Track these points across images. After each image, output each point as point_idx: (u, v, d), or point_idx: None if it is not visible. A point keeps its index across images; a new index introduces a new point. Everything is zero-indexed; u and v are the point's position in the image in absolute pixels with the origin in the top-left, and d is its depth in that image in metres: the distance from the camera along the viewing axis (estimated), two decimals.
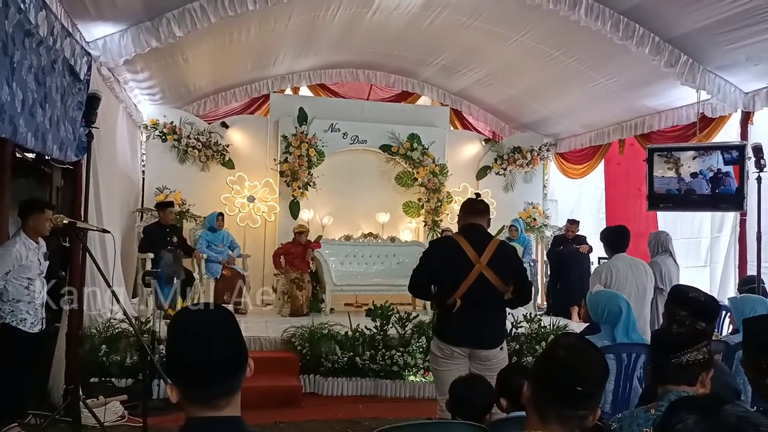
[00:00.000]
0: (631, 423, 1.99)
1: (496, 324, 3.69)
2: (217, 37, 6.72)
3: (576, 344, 1.69)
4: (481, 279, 3.52)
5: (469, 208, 3.79)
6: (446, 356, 3.58)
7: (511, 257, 3.75)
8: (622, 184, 8.74)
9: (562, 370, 1.61)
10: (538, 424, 1.64)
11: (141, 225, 7.87)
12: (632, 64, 6.79)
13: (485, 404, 2.69)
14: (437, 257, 3.71)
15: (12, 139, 3.16)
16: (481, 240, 3.64)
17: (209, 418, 1.43)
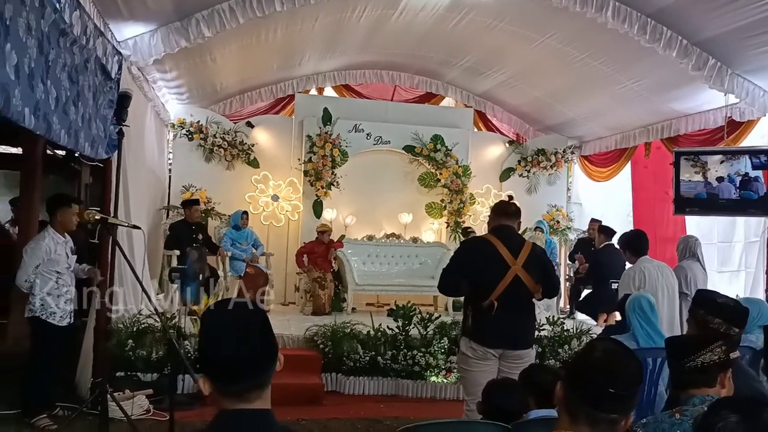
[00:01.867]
0: (656, 428, 1.98)
1: (528, 324, 3.76)
2: (245, 38, 6.79)
3: (612, 347, 1.69)
4: (516, 281, 3.57)
5: (501, 210, 3.83)
6: (478, 357, 3.60)
7: (542, 258, 3.79)
8: (649, 187, 8.63)
9: (595, 371, 1.60)
10: (568, 425, 1.63)
11: (167, 222, 7.99)
12: (659, 67, 6.72)
13: (519, 410, 2.68)
14: (471, 258, 3.74)
15: (46, 136, 3.23)
16: (515, 242, 3.69)
17: (240, 410, 1.46)
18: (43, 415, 4.68)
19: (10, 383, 5.09)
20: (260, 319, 1.51)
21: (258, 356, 1.47)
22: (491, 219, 3.87)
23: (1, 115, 2.57)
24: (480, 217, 9.44)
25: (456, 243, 9.03)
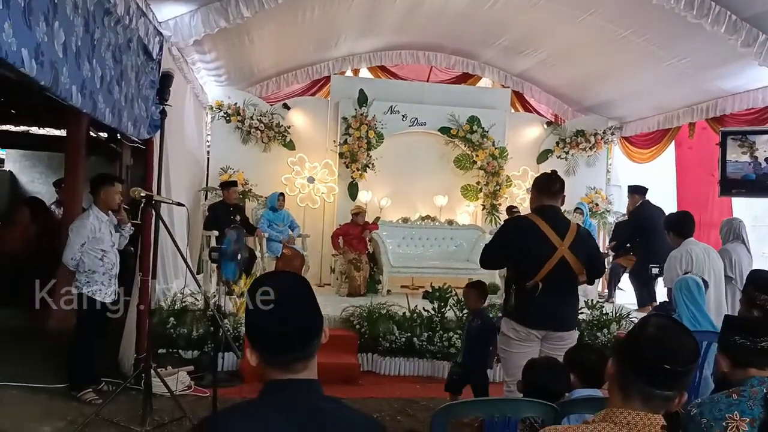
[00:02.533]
0: (712, 408, 1.93)
1: (572, 306, 3.71)
2: (282, 18, 6.78)
3: (667, 323, 1.65)
4: (562, 262, 3.52)
5: (544, 188, 3.72)
6: (521, 338, 3.57)
7: (588, 241, 3.73)
8: (694, 169, 8.38)
9: (649, 346, 1.56)
10: (620, 402, 1.60)
11: (206, 204, 8.09)
12: (706, 44, 6.48)
13: (562, 389, 2.66)
14: (515, 237, 3.70)
15: (92, 115, 3.29)
16: (561, 223, 3.63)
17: (289, 380, 1.49)
18: (89, 389, 4.82)
19: (58, 358, 5.27)
20: (306, 291, 1.54)
21: (306, 327, 1.50)
22: (534, 197, 3.79)
23: (50, 92, 2.62)
24: (516, 199, 9.33)
25: (492, 225, 8.97)
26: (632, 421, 1.56)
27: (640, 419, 1.56)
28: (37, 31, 2.40)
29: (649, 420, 1.56)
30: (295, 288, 1.54)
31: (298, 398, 1.49)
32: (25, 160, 12.31)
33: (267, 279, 1.60)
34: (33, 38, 2.37)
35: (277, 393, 1.49)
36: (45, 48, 2.48)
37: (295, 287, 1.55)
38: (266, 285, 1.55)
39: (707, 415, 1.93)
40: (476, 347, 4.72)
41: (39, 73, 2.44)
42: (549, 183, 3.72)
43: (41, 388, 4.88)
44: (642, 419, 1.56)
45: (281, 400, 1.48)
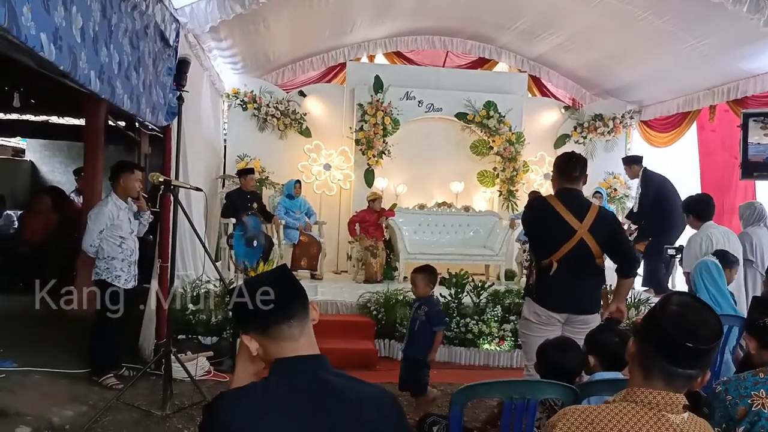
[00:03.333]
0: (738, 386, 1.92)
1: (594, 289, 3.63)
2: (298, 4, 6.76)
3: (688, 301, 1.61)
4: (581, 244, 3.46)
5: (565, 173, 3.64)
6: (542, 322, 3.53)
7: (611, 224, 3.61)
8: (717, 152, 8.22)
9: (671, 324, 1.53)
10: (642, 382, 1.58)
11: (223, 191, 8.13)
12: (727, 24, 6.34)
13: (576, 368, 2.64)
14: (534, 223, 3.69)
15: (110, 100, 3.30)
16: (580, 205, 3.57)
17: (295, 357, 1.53)
18: (110, 375, 4.89)
19: (80, 344, 5.35)
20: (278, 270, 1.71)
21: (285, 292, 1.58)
22: (555, 180, 3.74)
23: (69, 77, 2.63)
24: (534, 185, 9.26)
25: (508, 211, 8.93)
26: (653, 400, 1.54)
27: (662, 398, 1.54)
28: (55, 16, 2.41)
29: (671, 399, 1.54)
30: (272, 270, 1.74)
31: (306, 374, 1.51)
32: (45, 150, 12.45)
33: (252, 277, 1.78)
34: (51, 23, 2.38)
35: (285, 370, 1.52)
36: (63, 32, 2.49)
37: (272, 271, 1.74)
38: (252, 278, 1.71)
39: (732, 392, 1.91)
40: (419, 339, 4.40)
41: (58, 57, 2.45)
42: (568, 167, 3.64)
43: (63, 373, 4.95)
44: (664, 398, 1.54)
45: (289, 376, 1.50)
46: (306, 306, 1.60)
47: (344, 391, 1.51)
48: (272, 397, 1.46)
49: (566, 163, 3.68)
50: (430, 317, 4.39)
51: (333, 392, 1.50)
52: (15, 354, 5.13)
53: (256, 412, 1.43)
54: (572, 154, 3.76)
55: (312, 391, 1.48)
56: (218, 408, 1.46)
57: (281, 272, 1.69)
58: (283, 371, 1.52)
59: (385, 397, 1.59)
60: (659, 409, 1.53)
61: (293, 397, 1.46)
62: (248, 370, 1.64)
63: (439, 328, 4.44)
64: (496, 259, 8.32)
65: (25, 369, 4.90)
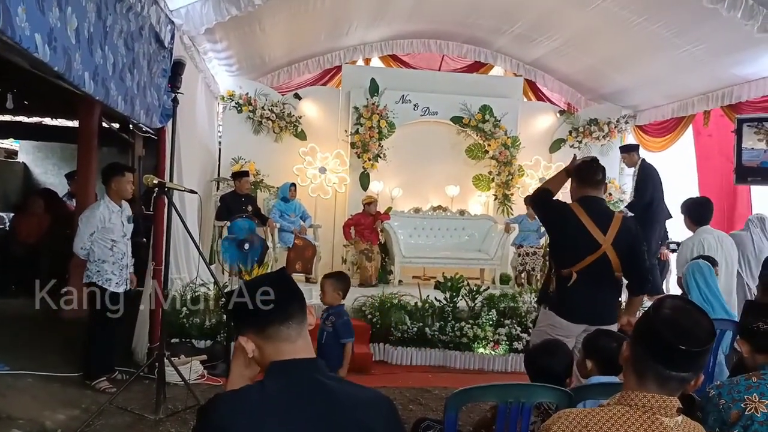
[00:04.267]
0: (731, 390, 1.92)
1: (612, 301, 3.53)
2: (294, 6, 6.75)
3: (681, 304, 1.62)
4: (603, 258, 3.37)
5: (585, 178, 3.53)
6: (559, 335, 3.37)
7: (632, 234, 3.47)
8: (714, 157, 8.21)
9: (664, 327, 1.53)
10: (635, 385, 1.58)
11: (217, 194, 8.10)
12: (721, 30, 6.38)
13: (565, 370, 2.64)
14: (556, 224, 3.56)
15: (104, 102, 3.28)
16: (604, 215, 3.45)
17: (290, 360, 1.53)
18: (103, 378, 4.85)
19: (72, 347, 5.32)
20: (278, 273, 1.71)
21: (284, 293, 1.59)
22: (574, 188, 3.59)
23: (63, 78, 2.61)
24: (529, 189, 9.26)
25: (504, 215, 8.94)
26: (647, 403, 1.54)
27: (656, 401, 1.54)
28: (50, 17, 2.39)
29: (665, 402, 1.54)
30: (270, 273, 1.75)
31: (303, 377, 1.50)
32: (38, 152, 12.41)
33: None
34: (46, 23, 2.36)
35: (281, 373, 1.51)
36: (58, 33, 2.47)
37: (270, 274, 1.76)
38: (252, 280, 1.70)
39: (726, 396, 1.91)
40: (327, 353, 4.03)
41: (52, 58, 2.43)
42: (592, 172, 3.53)
43: (56, 377, 4.91)
44: (657, 401, 1.54)
45: (285, 379, 1.50)
46: (304, 309, 1.60)
47: (340, 394, 1.50)
48: (268, 400, 1.45)
49: (588, 168, 3.58)
50: (337, 328, 4.09)
51: (329, 395, 1.49)
52: (7, 357, 5.09)
53: (251, 415, 1.41)
54: (593, 159, 3.64)
55: (308, 394, 1.47)
56: (213, 410, 1.44)
57: (280, 274, 1.69)
58: (279, 374, 1.51)
59: (382, 401, 1.58)
60: (653, 412, 1.53)
61: (289, 400, 1.45)
62: (243, 374, 1.62)
63: (347, 340, 4.12)
64: (491, 263, 8.32)
65: (17, 372, 4.87)
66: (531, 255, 8.14)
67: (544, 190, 3.67)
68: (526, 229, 8.28)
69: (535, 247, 8.20)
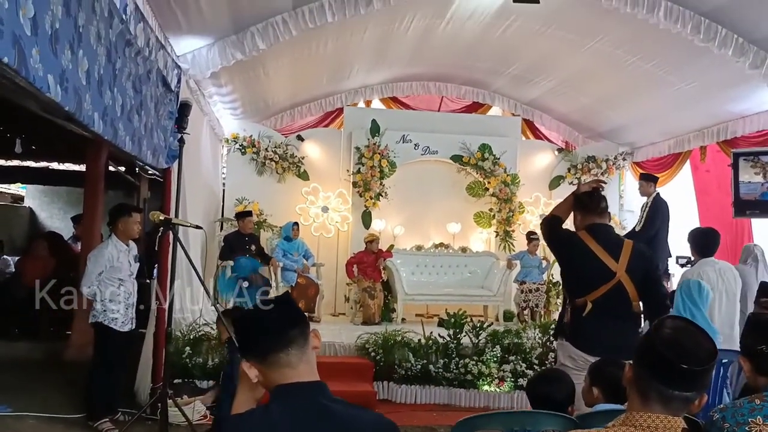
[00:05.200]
0: (735, 413, 1.91)
1: (631, 333, 3.33)
2: (297, 51, 6.93)
3: (682, 325, 1.65)
4: (618, 287, 3.26)
5: (588, 207, 3.44)
6: (578, 367, 3.23)
7: (646, 260, 3.38)
8: (713, 192, 8.25)
9: (665, 347, 1.56)
10: (639, 407, 1.59)
11: (221, 234, 8.17)
12: (714, 67, 6.54)
13: (566, 399, 2.64)
14: (565, 258, 3.49)
15: (113, 142, 3.37)
16: (613, 242, 3.36)
17: (294, 384, 1.55)
18: (106, 420, 4.81)
19: (75, 389, 5.30)
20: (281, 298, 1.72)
21: (281, 317, 1.61)
22: (579, 218, 3.50)
23: (74, 118, 2.70)
24: (530, 225, 9.32)
25: (505, 252, 8.97)
26: (652, 424, 1.55)
27: (660, 422, 1.55)
28: (62, 59, 2.49)
29: (670, 423, 1.55)
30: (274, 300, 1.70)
31: (305, 400, 1.53)
32: (44, 197, 12.54)
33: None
34: (59, 65, 2.46)
35: (285, 396, 1.53)
36: (70, 75, 2.58)
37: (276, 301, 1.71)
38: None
39: (729, 420, 1.90)
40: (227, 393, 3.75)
41: (64, 98, 2.53)
42: (595, 200, 3.46)
43: (58, 418, 4.89)
44: (663, 422, 1.55)
45: (290, 402, 1.52)
46: (306, 334, 1.62)
47: (345, 417, 1.52)
48: (272, 423, 1.47)
49: (589, 197, 3.50)
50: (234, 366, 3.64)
51: (333, 419, 1.51)
52: (10, 398, 5.08)
53: None
54: (593, 190, 3.57)
55: (312, 417, 1.49)
56: None
57: (282, 299, 1.70)
58: (283, 397, 1.53)
59: (386, 425, 1.59)
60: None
61: (294, 423, 1.47)
62: (249, 397, 1.65)
63: None
64: (494, 300, 8.31)
65: (20, 414, 4.85)
66: (534, 291, 8.14)
67: (553, 217, 3.59)
68: (527, 265, 8.31)
69: (538, 284, 8.21)
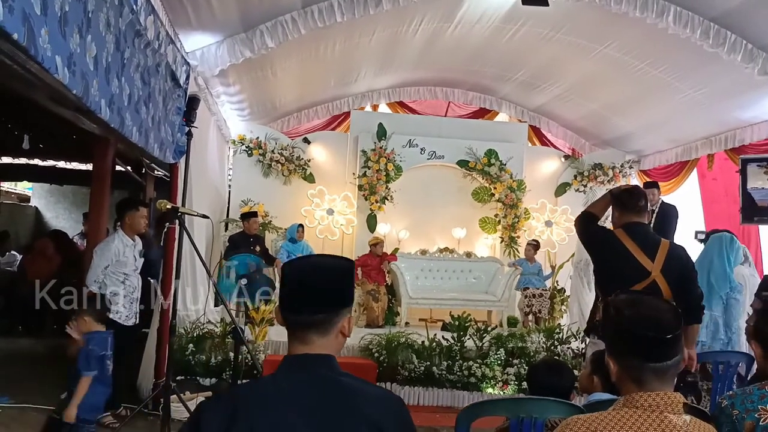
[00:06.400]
0: (744, 400, 1.90)
1: None
2: (305, 52, 6.96)
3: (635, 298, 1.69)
4: (652, 286, 3.19)
5: (627, 205, 3.37)
6: None
7: (682, 261, 3.32)
8: (721, 200, 8.18)
9: (637, 326, 1.59)
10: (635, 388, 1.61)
11: (226, 235, 8.17)
12: (722, 74, 6.53)
13: (567, 386, 2.64)
14: (600, 255, 3.41)
15: (119, 131, 3.38)
16: (650, 242, 3.30)
17: (304, 355, 1.54)
18: (107, 414, 4.79)
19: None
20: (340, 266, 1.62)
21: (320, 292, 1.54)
22: (617, 216, 3.43)
23: (81, 102, 2.71)
24: (535, 232, 9.30)
25: (510, 257, 8.95)
26: (653, 402, 1.56)
27: (660, 399, 1.56)
28: (70, 42, 2.51)
29: (670, 399, 1.57)
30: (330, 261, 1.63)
31: (313, 371, 1.51)
32: (51, 196, 12.60)
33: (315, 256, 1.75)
34: (67, 47, 2.47)
35: (293, 366, 1.53)
36: (77, 59, 2.59)
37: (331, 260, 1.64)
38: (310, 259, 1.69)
39: (739, 406, 1.89)
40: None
41: (71, 81, 2.54)
42: (633, 198, 3.39)
43: None
44: (662, 399, 1.56)
45: (297, 372, 1.52)
46: (332, 321, 1.56)
47: (351, 388, 1.51)
48: (279, 391, 1.47)
49: (628, 195, 3.43)
50: (79, 358, 3.48)
51: (339, 389, 1.50)
52: (12, 391, 5.07)
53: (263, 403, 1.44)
54: (634, 187, 3.53)
55: (318, 387, 1.49)
56: (227, 395, 1.51)
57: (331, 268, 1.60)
58: (290, 367, 1.54)
59: (393, 400, 1.57)
60: (660, 410, 1.55)
61: (300, 392, 1.47)
62: None
63: (86, 373, 3.42)
64: (498, 305, 8.28)
65: (21, 405, 4.84)
66: (537, 297, 8.10)
67: (588, 214, 3.53)
68: (527, 273, 8.28)
69: (542, 289, 8.17)
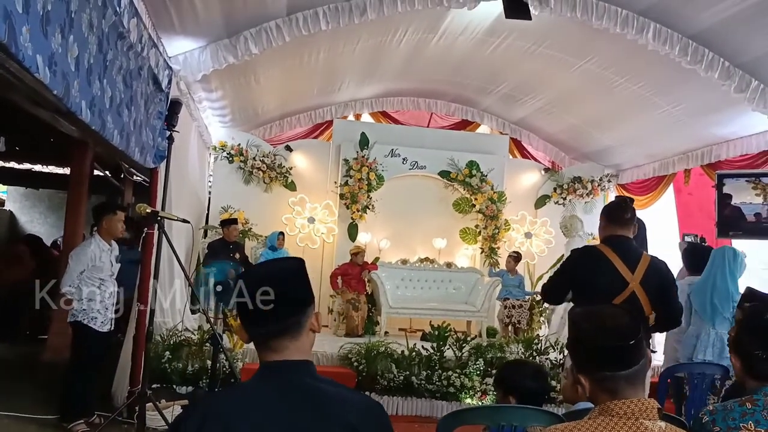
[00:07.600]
0: (725, 417, 1.89)
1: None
2: (289, 59, 6.95)
3: (591, 311, 1.72)
4: (632, 299, 3.23)
5: (614, 217, 3.41)
6: None
7: (662, 275, 3.37)
8: (695, 215, 8.34)
9: (601, 337, 1.63)
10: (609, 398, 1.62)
11: (205, 242, 8.10)
12: (700, 90, 6.66)
13: (539, 387, 2.66)
14: (582, 269, 3.41)
15: (100, 134, 3.34)
16: (632, 254, 3.33)
17: (281, 361, 1.51)
18: (80, 421, 4.71)
19: (51, 390, 5.18)
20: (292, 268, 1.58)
21: (286, 294, 1.52)
22: (603, 226, 3.48)
23: (62, 103, 2.68)
24: (515, 243, 9.35)
25: (491, 268, 8.98)
26: (628, 410, 1.58)
27: (635, 406, 1.58)
28: (52, 41, 2.47)
29: (644, 405, 1.59)
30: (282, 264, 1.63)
31: (290, 377, 1.49)
32: (26, 200, 12.40)
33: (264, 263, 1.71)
34: (48, 47, 2.44)
35: (269, 373, 1.51)
36: (58, 58, 2.55)
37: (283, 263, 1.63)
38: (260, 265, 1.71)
39: (720, 423, 1.86)
40: None
41: (52, 81, 2.50)
42: (620, 211, 3.43)
43: (32, 419, 4.78)
44: (637, 405, 1.58)
45: (273, 379, 1.49)
46: (300, 322, 1.53)
47: (328, 394, 1.50)
48: (256, 399, 1.45)
49: (616, 207, 3.49)
50: None
51: (317, 395, 1.48)
52: None
53: (241, 410, 1.42)
54: (622, 199, 3.59)
55: (296, 393, 1.47)
56: (204, 401, 1.47)
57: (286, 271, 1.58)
58: (266, 374, 1.51)
59: (372, 405, 1.56)
60: (636, 417, 1.57)
61: (279, 398, 1.45)
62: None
63: None
64: (478, 316, 8.29)
65: None
66: (517, 308, 8.13)
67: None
68: (508, 284, 8.32)
69: (521, 300, 8.21)
